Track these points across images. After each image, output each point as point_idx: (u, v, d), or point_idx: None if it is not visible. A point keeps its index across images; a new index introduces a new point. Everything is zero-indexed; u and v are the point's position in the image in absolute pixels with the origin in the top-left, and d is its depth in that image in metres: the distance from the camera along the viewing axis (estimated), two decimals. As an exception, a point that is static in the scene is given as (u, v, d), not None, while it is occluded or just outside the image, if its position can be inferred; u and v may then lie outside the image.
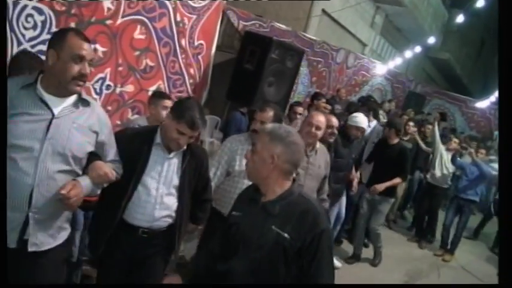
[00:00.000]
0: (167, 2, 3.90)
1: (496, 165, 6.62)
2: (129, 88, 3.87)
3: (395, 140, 5.26)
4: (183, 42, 4.13)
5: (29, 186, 2.07)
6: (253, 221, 2.04)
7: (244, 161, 2.96)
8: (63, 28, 2.47)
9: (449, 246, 6.59)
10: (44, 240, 2.19)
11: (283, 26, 7.03)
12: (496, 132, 10.36)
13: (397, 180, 5.34)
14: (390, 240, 6.60)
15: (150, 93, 3.75)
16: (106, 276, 2.84)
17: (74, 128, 2.18)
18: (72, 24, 3.35)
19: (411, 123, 6.66)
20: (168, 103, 3.33)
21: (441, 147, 6.65)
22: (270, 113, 3.26)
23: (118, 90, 3.77)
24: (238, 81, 4.36)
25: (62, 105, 2.16)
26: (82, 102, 2.22)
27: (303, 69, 7.91)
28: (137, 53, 3.84)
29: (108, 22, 3.59)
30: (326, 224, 1.98)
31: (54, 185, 2.10)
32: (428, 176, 6.90)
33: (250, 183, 2.60)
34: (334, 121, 4.17)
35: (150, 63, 3.95)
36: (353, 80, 9.57)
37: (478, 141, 8.89)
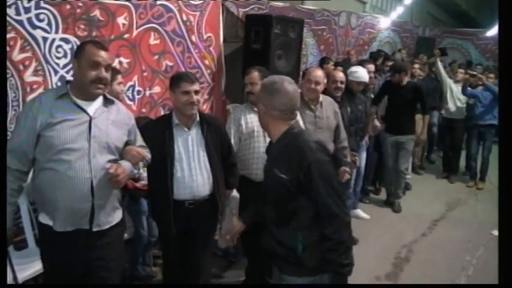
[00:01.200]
0: (171, 6, 4.33)
1: None
2: (157, 89, 4.32)
3: (406, 81, 5.52)
4: (193, 38, 4.56)
5: (89, 179, 2.38)
6: (267, 167, 2.38)
7: (249, 124, 3.49)
8: (84, 41, 2.78)
9: (479, 175, 6.78)
10: (105, 220, 2.53)
11: (280, 4, 7.34)
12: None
13: (426, 118, 5.67)
14: (421, 181, 6.95)
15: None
16: (167, 251, 3.25)
17: (109, 124, 2.50)
18: (96, 45, 3.82)
19: (417, 66, 6.91)
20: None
21: (449, 81, 6.86)
22: (255, 73, 3.55)
23: (147, 93, 4.23)
24: (250, 61, 4.73)
25: (94, 107, 2.47)
26: (108, 101, 2.56)
27: (309, 40, 8.20)
28: (156, 57, 4.28)
29: (126, 36, 4.03)
30: (313, 157, 2.13)
31: (105, 174, 2.43)
32: (443, 112, 7.14)
33: (258, 140, 3.27)
34: (339, 76, 4.43)
35: (169, 63, 4.40)
36: (360, 40, 9.77)
37: (494, 70, 8.98)
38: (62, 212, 2.42)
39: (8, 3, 3.27)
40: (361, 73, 4.89)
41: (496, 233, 4.41)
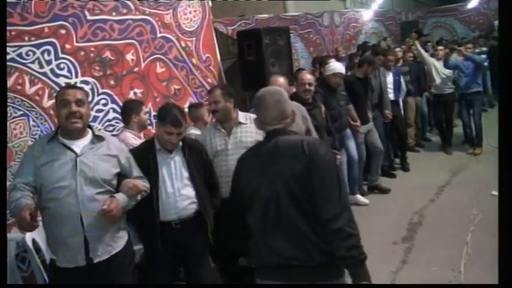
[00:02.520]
0: (170, 36, 4.84)
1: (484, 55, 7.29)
2: (170, 112, 4.82)
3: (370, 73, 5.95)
4: (194, 61, 5.05)
5: (77, 213, 2.49)
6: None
7: (213, 143, 3.52)
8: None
9: (475, 141, 7.14)
10: (104, 250, 2.61)
11: (265, 15, 7.86)
12: (496, 22, 10.64)
13: None
14: (421, 157, 7.37)
15: (186, 109, 4.65)
16: (154, 274, 3.17)
17: (96, 158, 2.62)
18: (111, 82, 4.33)
19: (397, 49, 7.35)
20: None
21: (432, 60, 7.24)
22: (217, 92, 3.59)
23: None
24: (247, 72, 5.24)
25: (82, 145, 2.61)
26: (97, 138, 2.69)
27: (298, 45, 8.69)
28: (164, 83, 4.78)
29: (136, 69, 4.53)
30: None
31: (97, 205, 2.53)
32: (432, 89, 7.51)
33: (221, 159, 3.42)
34: (306, 78, 4.42)
35: (177, 87, 4.89)
36: (347, 35, 10.23)
37: (474, 41, 9.36)
38: (60, 247, 2.57)
39: (31, 59, 3.81)
40: (334, 65, 5.11)
41: (495, 193, 4.76)
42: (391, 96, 6.54)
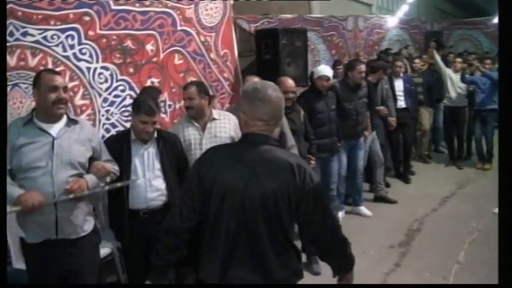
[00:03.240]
0: (190, 30, 5.00)
1: None
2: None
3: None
4: (212, 55, 5.20)
5: (51, 193, 2.60)
6: None
7: (186, 137, 3.55)
8: (39, 71, 2.96)
9: (486, 157, 7.14)
10: (72, 230, 2.73)
11: (289, 15, 7.94)
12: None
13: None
14: (431, 168, 7.43)
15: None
16: (129, 259, 3.36)
17: (72, 142, 2.73)
18: (131, 69, 4.51)
19: (417, 60, 7.38)
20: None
21: (448, 71, 7.25)
22: (192, 88, 3.67)
23: (177, 106, 4.87)
24: (263, 70, 5.36)
25: (57, 128, 2.72)
26: (72, 121, 2.81)
27: (320, 47, 8.75)
28: (182, 74, 4.93)
29: (155, 59, 4.69)
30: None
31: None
32: (445, 101, 7.50)
33: (195, 153, 3.35)
34: (289, 85, 4.36)
35: (193, 79, 5.04)
36: (370, 41, 10.20)
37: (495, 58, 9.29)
38: (30, 225, 2.67)
39: (55, 43, 4.00)
40: (322, 68, 5.07)
41: (496, 210, 4.77)
42: (403, 103, 6.59)
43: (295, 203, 1.93)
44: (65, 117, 2.80)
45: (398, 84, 6.61)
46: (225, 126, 3.63)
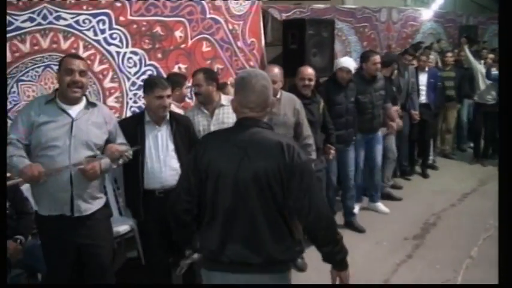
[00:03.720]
0: (219, 18, 5.12)
1: None
2: (210, 89, 5.14)
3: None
4: (239, 43, 5.32)
5: (68, 172, 2.74)
6: None
7: (195, 125, 3.61)
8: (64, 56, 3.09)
9: None
10: (85, 207, 2.86)
11: (321, 6, 7.94)
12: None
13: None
14: (453, 164, 7.42)
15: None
16: (146, 237, 3.52)
17: (89, 124, 2.86)
18: (159, 55, 4.68)
19: (449, 54, 7.28)
20: None
21: (479, 67, 7.12)
22: (200, 75, 3.72)
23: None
24: (289, 60, 5.46)
25: (77, 110, 2.84)
26: (91, 104, 2.93)
27: (352, 38, 8.72)
28: (208, 61, 5.07)
29: (183, 46, 4.85)
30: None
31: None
32: (475, 97, 7.38)
33: None
34: (307, 73, 4.39)
35: (220, 66, 5.18)
36: (403, 33, 10.08)
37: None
38: (46, 200, 2.80)
39: (87, 27, 4.18)
40: (343, 60, 5.03)
41: None
42: (423, 98, 6.56)
43: (286, 180, 2.01)
44: (84, 100, 2.92)
45: (422, 79, 6.58)
46: (232, 111, 3.69)
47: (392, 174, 6.32)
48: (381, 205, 5.57)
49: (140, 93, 4.51)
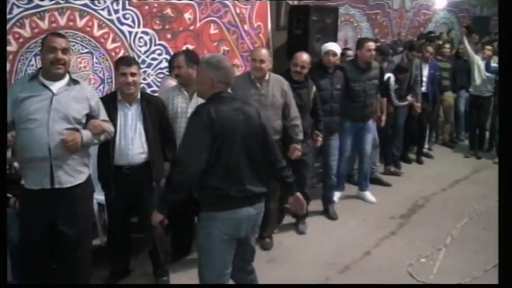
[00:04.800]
0: (227, 2, 5.39)
1: None
2: (216, 69, 5.42)
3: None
4: (245, 27, 5.59)
5: (46, 143, 2.84)
6: None
7: (175, 105, 3.80)
8: (46, 34, 3.16)
9: None
10: (66, 179, 2.96)
11: None
12: None
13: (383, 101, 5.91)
14: (450, 153, 7.60)
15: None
16: (112, 209, 3.64)
17: (69, 99, 2.96)
18: (168, 35, 4.98)
19: (447, 45, 7.43)
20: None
21: (476, 58, 7.17)
22: (181, 57, 3.91)
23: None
24: (293, 44, 5.70)
25: (58, 86, 2.95)
26: (73, 81, 3.04)
27: (364, 25, 8.82)
28: (215, 43, 5.36)
29: (191, 28, 5.14)
30: (191, 118, 2.74)
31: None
32: (470, 89, 7.46)
33: (181, 121, 3.67)
34: (300, 60, 4.40)
35: (226, 48, 5.47)
36: (415, 22, 10.16)
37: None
38: (28, 171, 2.93)
39: (102, 7, 4.49)
40: (329, 44, 4.94)
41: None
42: (424, 89, 6.70)
43: (262, 136, 2.80)
44: (67, 77, 3.03)
45: (424, 71, 6.71)
46: None
47: (386, 163, 6.52)
48: (369, 194, 5.57)
49: (149, 70, 4.87)
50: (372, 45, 5.16)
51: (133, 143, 3.44)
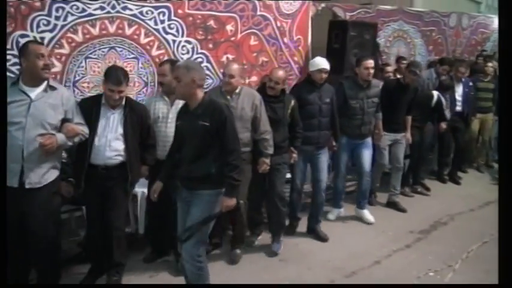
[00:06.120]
0: (268, 15, 5.69)
1: None
2: (254, 79, 5.67)
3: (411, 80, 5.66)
4: (285, 40, 5.86)
5: (20, 146, 3.10)
6: (189, 122, 3.28)
7: (156, 110, 4.07)
8: (25, 43, 3.42)
9: None
10: (36, 180, 3.20)
11: (388, 7, 8.13)
12: None
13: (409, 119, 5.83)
14: (484, 177, 7.46)
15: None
16: (88, 207, 3.86)
17: (46, 106, 3.21)
18: (210, 45, 5.35)
19: (490, 64, 7.31)
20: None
21: None
22: (166, 66, 4.09)
23: (247, 81, 5.64)
24: (331, 57, 5.88)
25: (36, 92, 3.20)
26: (50, 88, 3.28)
27: (418, 41, 8.82)
28: (255, 54, 5.67)
29: (232, 39, 5.47)
30: (227, 114, 3.27)
31: (37, 144, 3.14)
32: None
33: (161, 126, 4.01)
34: (275, 76, 4.50)
35: (265, 59, 5.75)
36: (472, 40, 9.97)
37: None
38: (8, 169, 3.11)
39: (149, 17, 4.92)
40: (320, 61, 4.86)
41: None
42: (459, 108, 6.68)
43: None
44: (45, 83, 3.30)
45: (458, 89, 6.71)
46: None
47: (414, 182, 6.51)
48: (367, 213, 5.47)
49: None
50: (370, 63, 5.12)
51: (110, 146, 3.65)
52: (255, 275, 4.10)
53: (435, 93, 6.15)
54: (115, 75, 3.63)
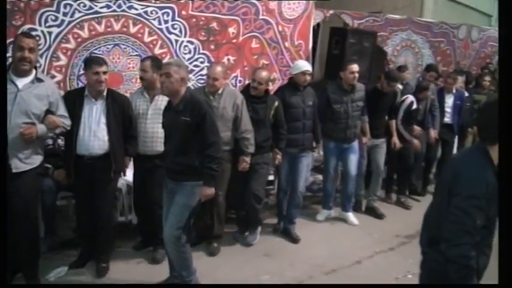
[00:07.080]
0: (271, 20, 5.88)
1: None
2: (254, 80, 5.91)
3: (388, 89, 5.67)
4: (286, 44, 6.04)
5: (5, 133, 3.15)
6: (172, 118, 3.48)
7: (137, 107, 4.16)
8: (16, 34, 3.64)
9: None
10: (19, 165, 3.37)
11: (397, 16, 8.21)
12: None
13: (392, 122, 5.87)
14: None
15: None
16: (77, 196, 4.07)
17: (32, 96, 3.34)
18: (212, 46, 5.55)
19: (486, 78, 7.35)
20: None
21: None
22: (147, 62, 4.17)
23: (246, 82, 5.82)
24: (331, 63, 6.12)
25: (23, 83, 3.33)
26: (37, 79, 3.42)
27: (425, 51, 8.90)
28: (255, 56, 5.86)
29: (234, 41, 5.67)
30: (206, 109, 3.48)
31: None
32: None
33: (141, 121, 4.11)
34: (258, 76, 4.57)
35: (266, 62, 5.93)
36: (482, 53, 9.95)
37: None
38: None
39: (153, 17, 5.14)
40: (302, 63, 5.01)
41: None
42: (448, 119, 6.63)
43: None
44: (33, 74, 3.44)
45: (448, 100, 6.66)
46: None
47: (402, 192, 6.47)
48: (351, 215, 5.57)
49: (191, 76, 5.44)
50: (354, 67, 5.20)
51: (95, 136, 3.80)
52: (237, 267, 4.28)
53: (408, 97, 6.05)
54: (95, 58, 3.86)
